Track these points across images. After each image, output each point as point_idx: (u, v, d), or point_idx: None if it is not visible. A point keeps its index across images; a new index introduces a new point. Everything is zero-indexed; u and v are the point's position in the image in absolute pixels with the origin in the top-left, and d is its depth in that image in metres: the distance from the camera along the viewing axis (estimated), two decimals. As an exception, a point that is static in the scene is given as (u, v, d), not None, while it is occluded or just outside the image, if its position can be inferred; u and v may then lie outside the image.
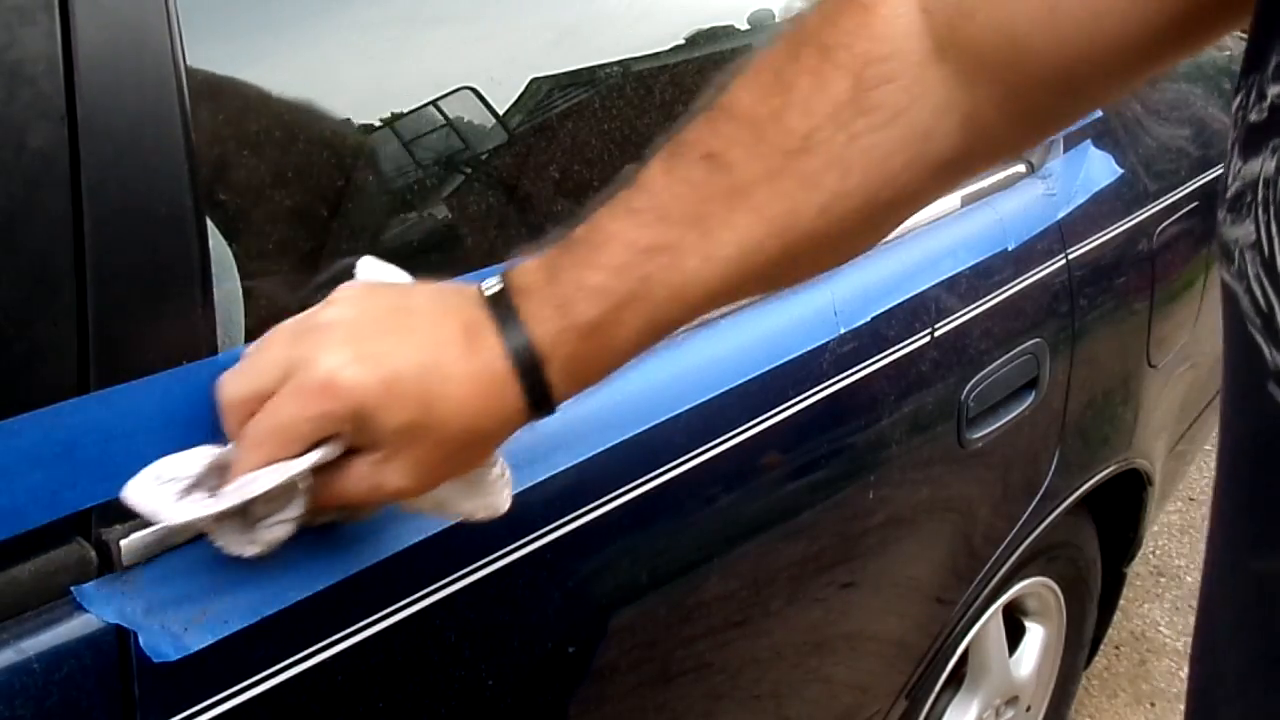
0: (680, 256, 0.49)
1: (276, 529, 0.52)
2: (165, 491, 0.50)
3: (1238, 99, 0.39)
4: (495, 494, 0.57)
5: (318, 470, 0.50)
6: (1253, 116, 0.38)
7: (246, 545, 0.53)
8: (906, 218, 0.54)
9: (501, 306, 0.51)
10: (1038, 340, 1.08)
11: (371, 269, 0.58)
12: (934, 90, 0.49)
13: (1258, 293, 0.37)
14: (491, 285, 0.52)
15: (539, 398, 0.51)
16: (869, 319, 0.89)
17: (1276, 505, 0.40)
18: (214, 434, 0.54)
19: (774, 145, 0.49)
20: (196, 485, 0.51)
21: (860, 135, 0.48)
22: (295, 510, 0.52)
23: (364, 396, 0.48)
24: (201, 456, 0.52)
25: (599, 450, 0.70)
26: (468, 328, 0.50)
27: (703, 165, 0.50)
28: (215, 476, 0.51)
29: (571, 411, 0.70)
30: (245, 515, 0.52)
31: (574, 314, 0.50)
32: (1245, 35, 0.45)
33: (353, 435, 0.50)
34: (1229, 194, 0.40)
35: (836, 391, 0.86)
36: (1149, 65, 0.49)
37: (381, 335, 0.50)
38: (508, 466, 0.58)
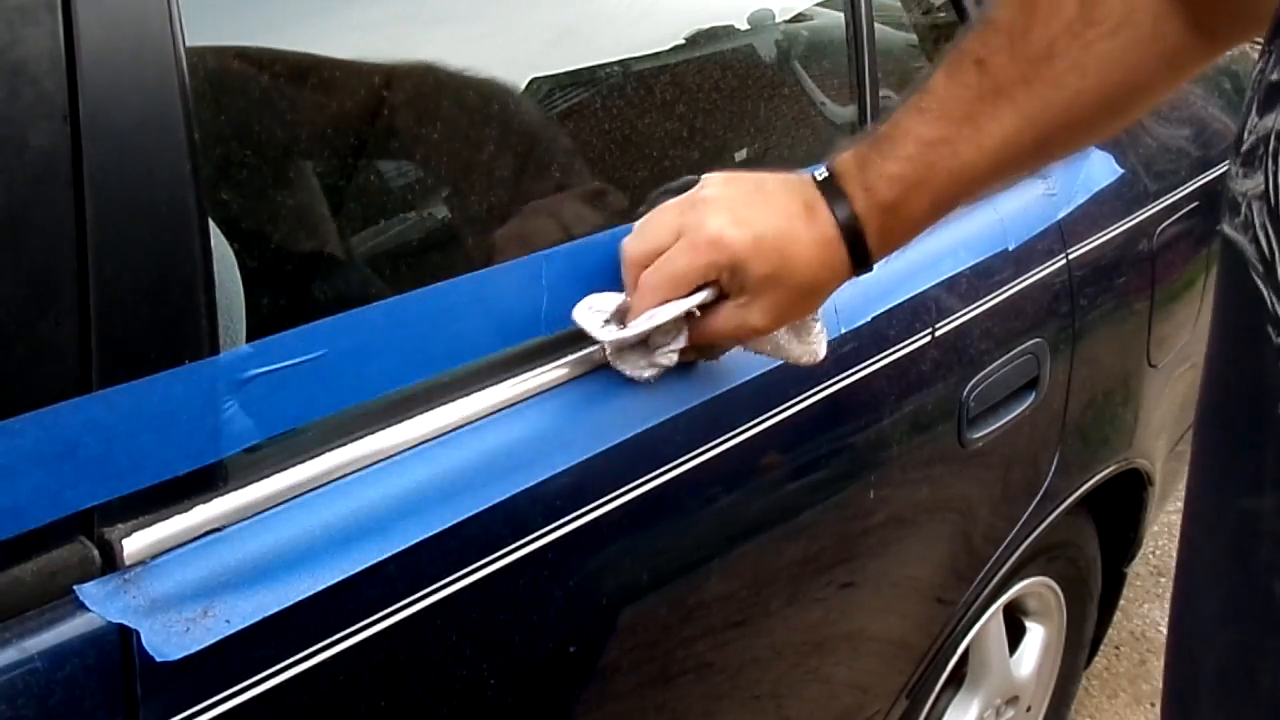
0: (957, 147, 0.61)
1: (669, 355, 0.68)
2: (594, 319, 0.67)
3: (1260, 63, 0.45)
4: (818, 342, 0.73)
5: (696, 311, 0.65)
6: (1274, 76, 0.42)
7: (646, 369, 0.69)
8: (1151, 105, 0.64)
9: (830, 188, 0.65)
10: (1038, 340, 1.08)
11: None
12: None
13: (1262, 241, 0.41)
14: (821, 172, 0.66)
15: (860, 257, 0.66)
16: (869, 319, 0.89)
17: (1266, 446, 0.43)
18: (217, 435, 0.55)
19: (1025, 54, 0.59)
20: (612, 319, 0.67)
21: (1092, 43, 0.58)
22: (680, 342, 0.67)
23: (740, 249, 0.63)
24: (613, 300, 0.68)
25: (599, 450, 0.70)
26: (808, 203, 0.65)
27: (973, 70, 0.61)
28: (620, 319, 0.67)
29: (572, 411, 0.70)
30: (645, 345, 0.67)
31: (878, 196, 0.64)
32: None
33: (727, 282, 0.65)
34: (1243, 149, 0.44)
35: (836, 391, 0.86)
36: None
37: (749, 206, 0.65)
38: (825, 323, 0.73)
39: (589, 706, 0.74)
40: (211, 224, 0.57)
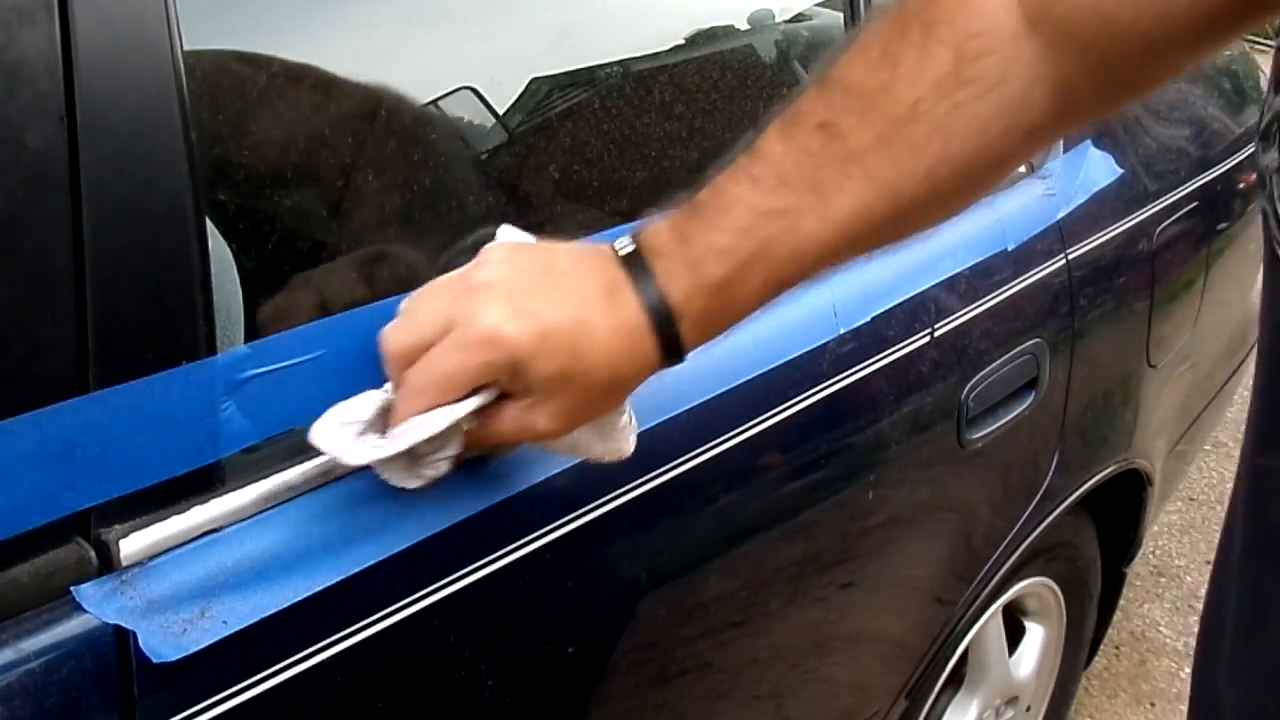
0: (799, 219, 0.54)
1: (439, 465, 0.58)
2: (345, 434, 0.56)
3: (1278, 42, 0.47)
4: (623, 439, 0.64)
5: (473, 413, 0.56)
6: None
7: (411, 479, 0.59)
8: (1002, 179, 0.60)
9: (637, 266, 0.56)
10: (1038, 340, 1.08)
11: (509, 234, 0.63)
12: (1027, 62, 0.53)
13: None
14: (625, 245, 0.57)
15: (672, 348, 0.57)
16: (869, 319, 0.89)
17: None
18: (215, 436, 0.55)
19: (883, 115, 0.53)
20: (369, 428, 0.57)
21: (962, 105, 0.53)
22: (454, 449, 0.58)
23: (521, 348, 0.54)
24: (370, 402, 0.57)
25: (598, 450, 0.70)
26: (608, 286, 0.56)
27: (818, 134, 0.54)
28: (382, 420, 0.57)
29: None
30: (411, 454, 0.57)
31: (704, 273, 0.55)
32: (1250, 35, 0.52)
33: (507, 383, 0.56)
34: (1262, 125, 0.44)
35: (836, 391, 0.86)
36: (1220, 33, 0.52)
37: (534, 293, 0.55)
38: (633, 415, 0.64)
39: (588, 707, 0.74)
40: (209, 225, 0.57)
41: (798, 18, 1.07)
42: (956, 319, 0.98)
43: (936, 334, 0.95)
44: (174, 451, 0.54)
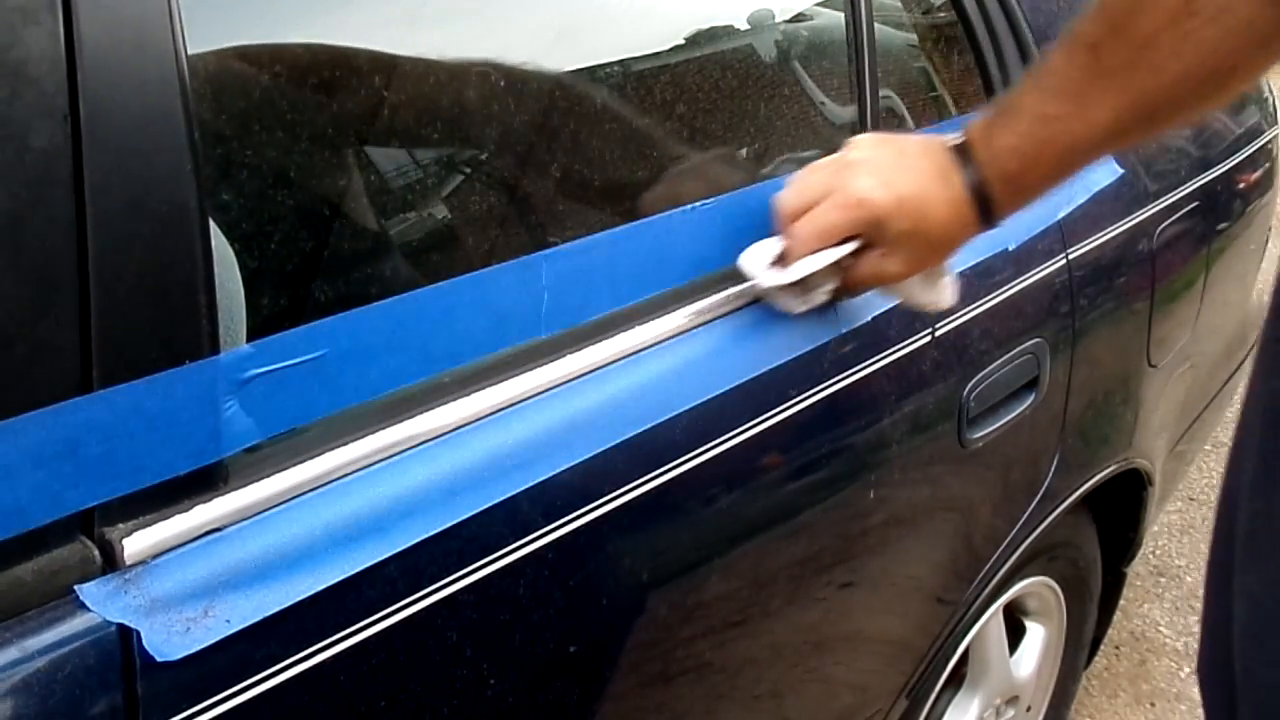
0: (1070, 124, 0.68)
1: (820, 295, 0.80)
2: (759, 264, 0.79)
3: None
4: (945, 292, 0.83)
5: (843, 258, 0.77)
6: None
7: (799, 305, 0.81)
8: (1244, 84, 0.68)
9: (963, 155, 0.74)
10: (1038, 340, 1.08)
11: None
12: None
13: None
14: (955, 138, 0.75)
15: (987, 217, 0.75)
16: (869, 318, 0.89)
17: None
18: (218, 435, 0.55)
19: (1128, 40, 0.64)
20: (772, 264, 0.79)
21: (1193, 32, 0.62)
22: (832, 284, 0.80)
23: (883, 209, 0.74)
24: (771, 247, 0.79)
25: (599, 450, 0.70)
26: (943, 170, 0.74)
27: (1084, 53, 0.67)
28: (778, 262, 0.79)
29: (572, 411, 0.70)
30: (801, 285, 0.79)
31: (1000, 166, 0.73)
32: None
33: (869, 236, 0.76)
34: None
35: (837, 391, 0.86)
36: None
37: (892, 170, 0.75)
38: (953, 279, 0.83)
39: (590, 706, 0.74)
40: (212, 224, 0.57)
41: (798, 18, 1.08)
42: (957, 319, 0.98)
43: (937, 334, 0.95)
44: (177, 450, 0.54)
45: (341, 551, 0.58)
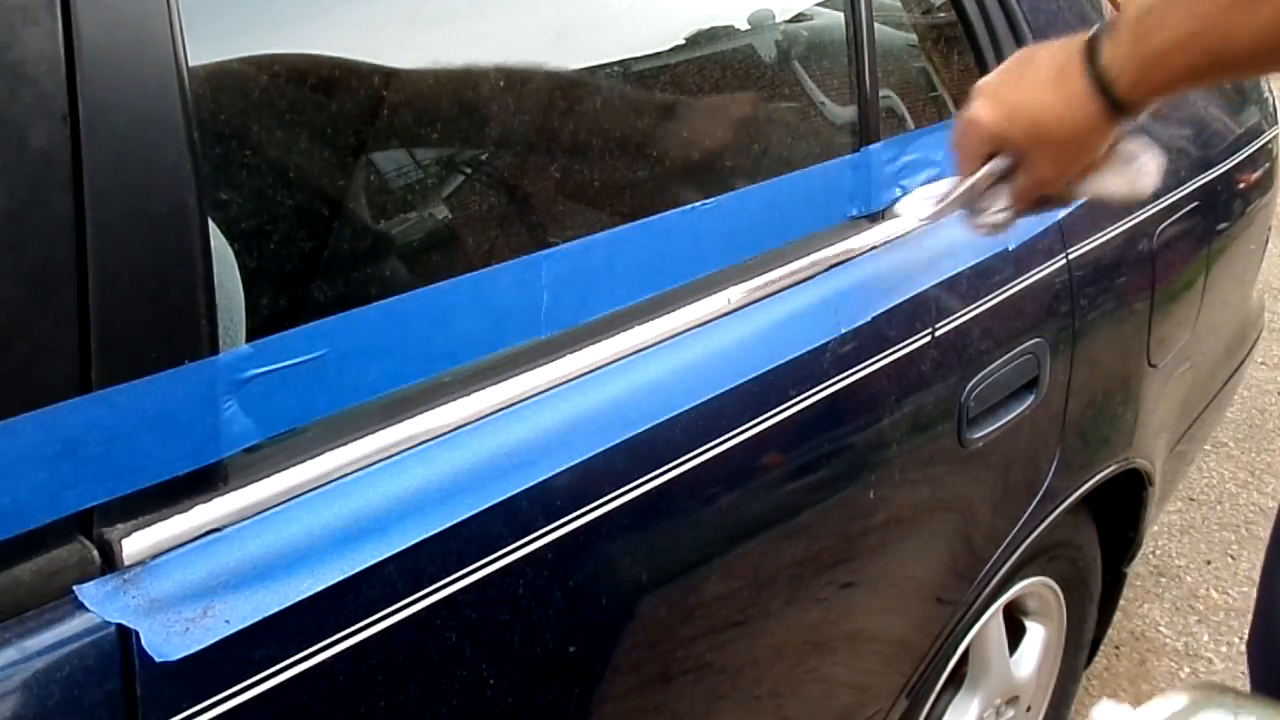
0: (1230, 15, 0.66)
1: (995, 216, 0.82)
2: (921, 208, 0.87)
3: None
4: (1142, 178, 0.81)
5: (1007, 179, 0.80)
6: None
7: (976, 227, 0.83)
8: None
9: (1091, 49, 0.73)
10: (1038, 340, 1.08)
11: None
12: None
13: None
14: (1094, 31, 0.74)
15: (1115, 106, 0.73)
16: (869, 319, 0.89)
17: None
18: (217, 435, 0.55)
19: None
20: (931, 198, 0.85)
21: None
22: (1003, 203, 0.81)
23: (994, 124, 0.77)
24: (934, 188, 0.87)
25: (599, 450, 0.70)
26: (1060, 70, 0.74)
27: None
28: (937, 198, 0.84)
29: (572, 411, 0.70)
30: (973, 211, 0.82)
31: (1148, 43, 0.70)
32: None
33: (1006, 151, 0.78)
34: None
35: (836, 391, 0.86)
36: None
37: (1006, 87, 0.78)
38: (1152, 158, 0.80)
39: (589, 706, 0.74)
40: (211, 224, 0.57)
41: (798, 18, 1.07)
42: (957, 319, 0.98)
43: (937, 334, 0.95)
44: (176, 450, 0.54)
45: (341, 551, 0.58)
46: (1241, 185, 1.50)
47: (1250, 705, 0.83)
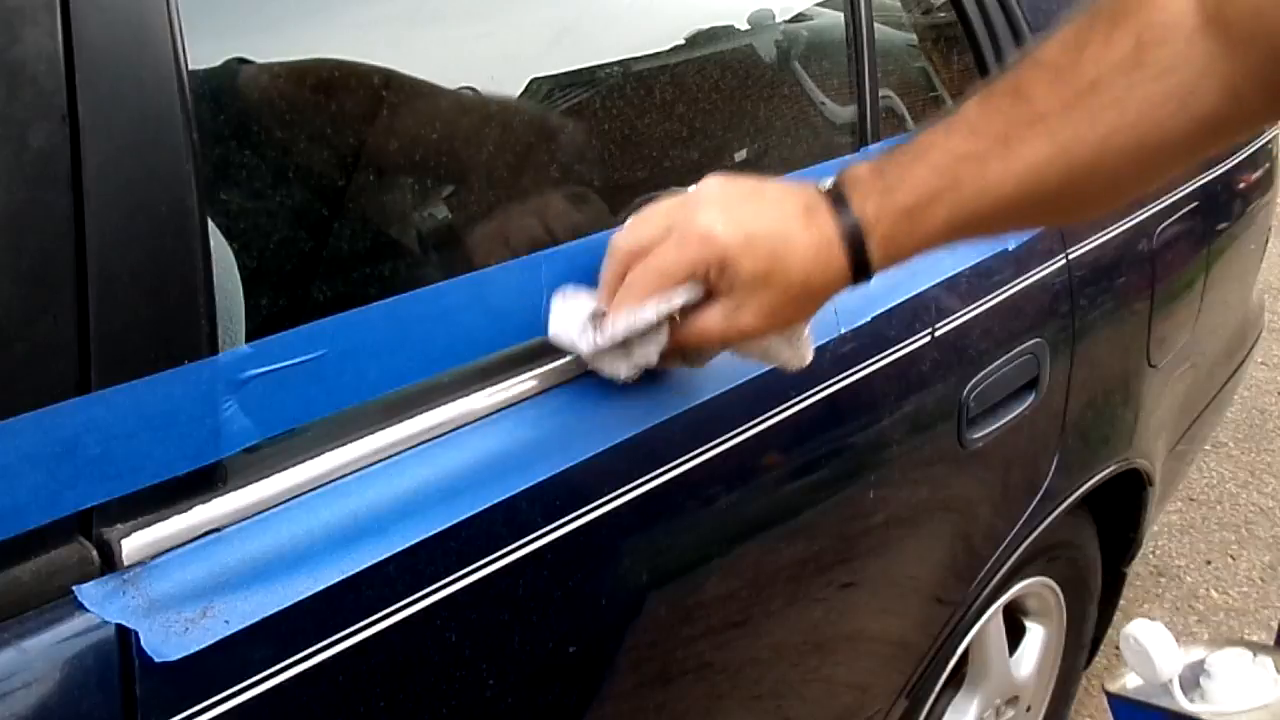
0: (985, 164, 0.62)
1: (649, 354, 0.67)
2: (572, 327, 0.68)
3: None
4: (805, 349, 0.73)
5: (682, 314, 0.65)
6: None
7: (624, 368, 0.68)
8: (1171, 171, 0.65)
9: (835, 194, 0.65)
10: (1038, 340, 1.08)
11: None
12: (1199, 55, 0.58)
13: None
14: (826, 182, 0.66)
15: (860, 265, 0.65)
16: (869, 319, 0.89)
17: None
18: (217, 435, 0.55)
19: (1068, 85, 0.60)
20: (589, 322, 0.67)
21: (1137, 84, 0.59)
22: (661, 340, 0.66)
23: (730, 246, 0.63)
24: (586, 304, 0.68)
25: (599, 450, 0.70)
26: (808, 207, 0.65)
27: (1010, 97, 0.62)
28: (596, 319, 0.67)
29: (572, 411, 0.70)
30: (625, 345, 0.67)
31: (894, 198, 0.64)
32: None
33: (714, 280, 0.64)
34: None
35: (837, 391, 0.86)
36: None
37: (744, 205, 0.65)
38: (809, 332, 0.73)
39: (589, 706, 0.74)
40: (210, 224, 0.57)
41: (798, 18, 1.08)
42: (957, 319, 0.98)
43: (937, 334, 0.95)
44: (176, 451, 0.54)
45: (341, 552, 0.58)
46: (1241, 185, 1.50)
47: (1267, 651, 0.87)
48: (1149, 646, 0.86)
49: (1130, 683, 0.92)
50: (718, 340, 0.67)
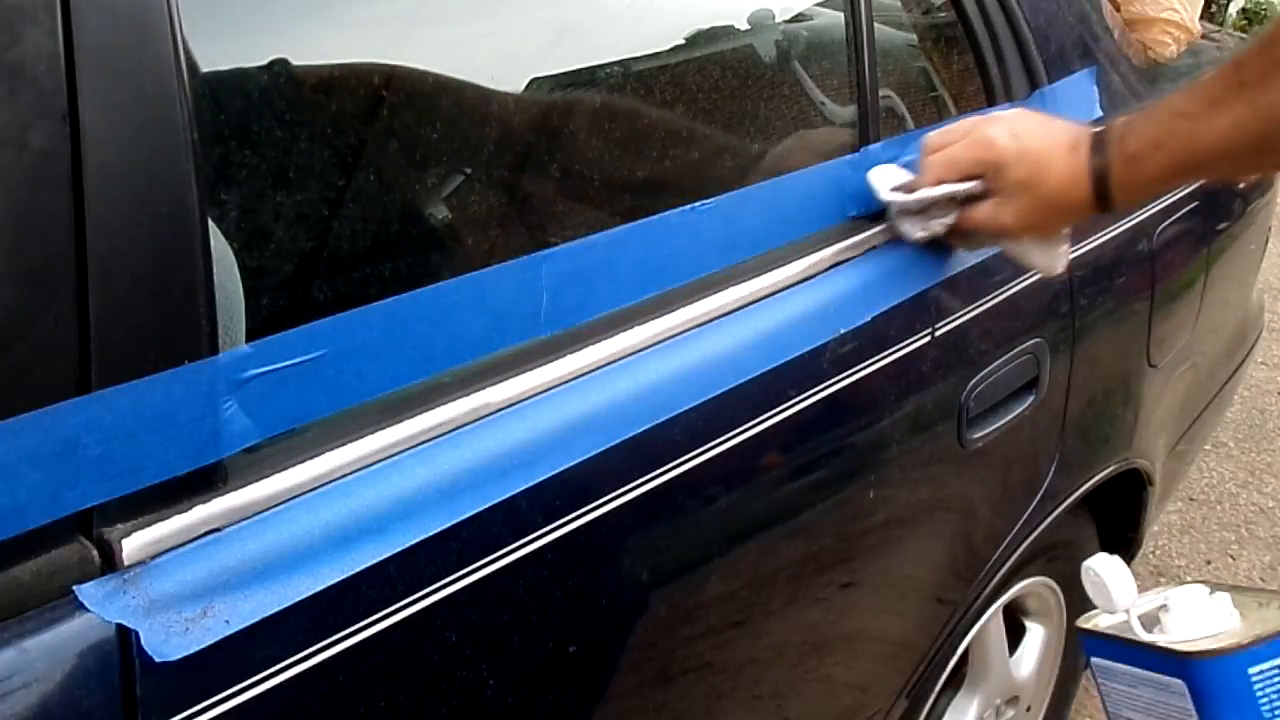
0: (1195, 122, 0.74)
1: (940, 223, 0.87)
2: (885, 183, 0.89)
3: None
4: (1059, 259, 0.89)
5: (964, 201, 0.85)
6: None
7: (920, 230, 0.88)
8: None
9: (1098, 139, 0.80)
10: (1038, 340, 1.08)
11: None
12: None
13: None
14: (1099, 125, 0.81)
15: (1102, 196, 0.80)
16: (869, 319, 0.89)
17: None
18: (217, 435, 0.55)
19: (1269, 57, 0.70)
20: (895, 189, 0.88)
21: None
22: (950, 218, 0.86)
23: (1005, 153, 0.82)
24: (901, 174, 0.89)
25: (599, 450, 0.70)
26: (1075, 142, 0.81)
27: (1231, 66, 0.73)
28: (904, 188, 0.88)
29: (572, 411, 0.70)
30: (922, 213, 0.87)
31: (1127, 146, 0.79)
32: (1243, 35, 0.57)
33: (990, 180, 0.83)
34: None
35: (837, 391, 0.86)
36: None
37: (1027, 127, 0.84)
38: (1068, 250, 0.90)
39: (589, 706, 0.74)
40: (211, 224, 0.57)
41: (798, 18, 1.07)
42: (957, 319, 0.98)
43: (937, 334, 0.95)
44: (176, 451, 0.54)
45: (341, 552, 0.58)
46: (1241, 185, 1.50)
47: (1224, 589, 1.02)
48: (1106, 578, 0.97)
49: (1102, 622, 1.01)
50: (985, 227, 0.85)
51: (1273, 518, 2.31)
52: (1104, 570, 0.98)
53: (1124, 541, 1.49)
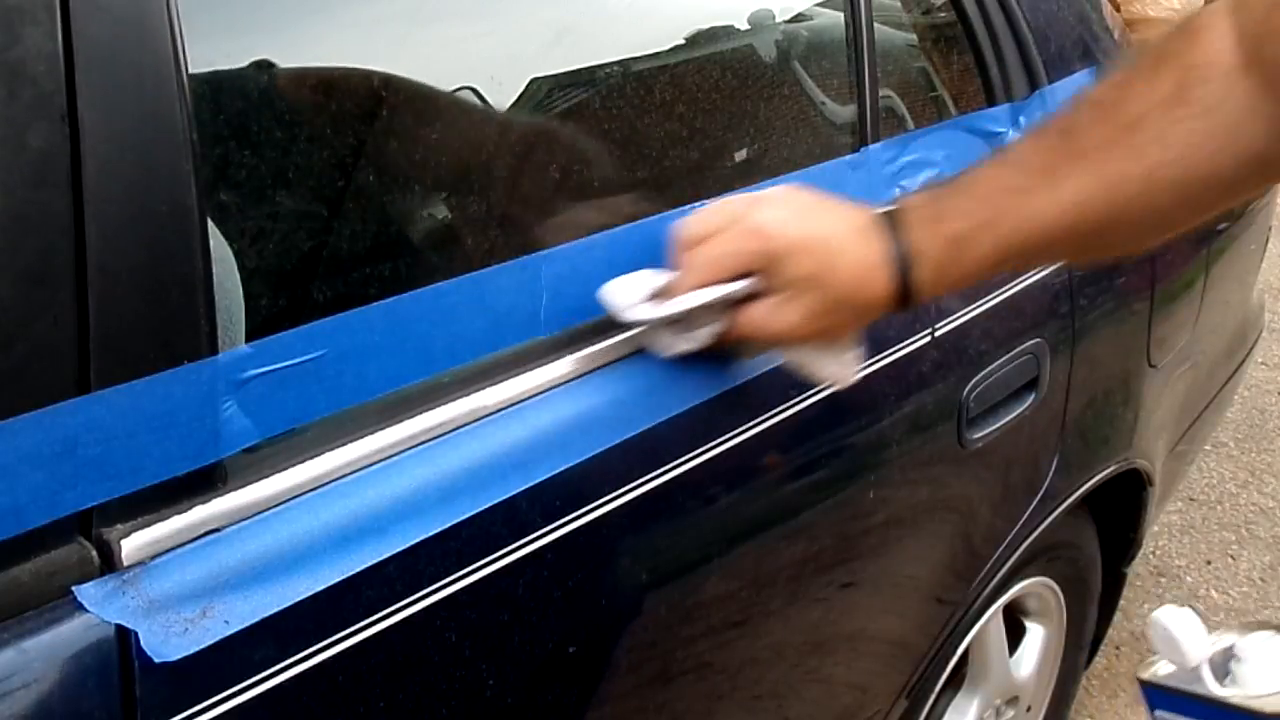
0: (1030, 196, 0.64)
1: (706, 332, 0.71)
2: (625, 299, 0.70)
3: None
4: (847, 367, 0.74)
5: (733, 304, 0.68)
6: None
7: (683, 344, 0.71)
8: (1219, 207, 0.66)
9: (889, 219, 0.68)
10: (1038, 340, 1.08)
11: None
12: (1243, 95, 0.60)
13: None
14: (883, 206, 0.70)
15: (904, 290, 0.67)
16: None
17: None
18: (216, 436, 0.55)
19: (1113, 122, 0.63)
20: (646, 299, 0.70)
21: (1180, 121, 0.61)
22: (717, 327, 0.70)
23: (784, 243, 0.66)
24: (650, 279, 0.71)
25: (599, 450, 0.70)
26: (863, 227, 0.68)
27: (1057, 135, 0.65)
28: (655, 297, 0.70)
29: (572, 411, 0.70)
30: (685, 323, 0.70)
31: (942, 226, 0.66)
32: None
33: (766, 276, 0.67)
34: None
35: (836, 391, 0.86)
36: None
37: (806, 210, 0.69)
38: (860, 350, 0.74)
39: (589, 707, 0.74)
40: (210, 224, 0.57)
41: (798, 18, 1.07)
42: (957, 319, 0.98)
43: (937, 334, 0.95)
44: (175, 451, 0.54)
45: (340, 552, 0.58)
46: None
47: None
48: (1177, 633, 0.86)
49: (1161, 670, 0.91)
50: (762, 333, 0.70)
51: (1273, 518, 2.31)
52: (1174, 624, 0.87)
53: (1124, 541, 1.49)
